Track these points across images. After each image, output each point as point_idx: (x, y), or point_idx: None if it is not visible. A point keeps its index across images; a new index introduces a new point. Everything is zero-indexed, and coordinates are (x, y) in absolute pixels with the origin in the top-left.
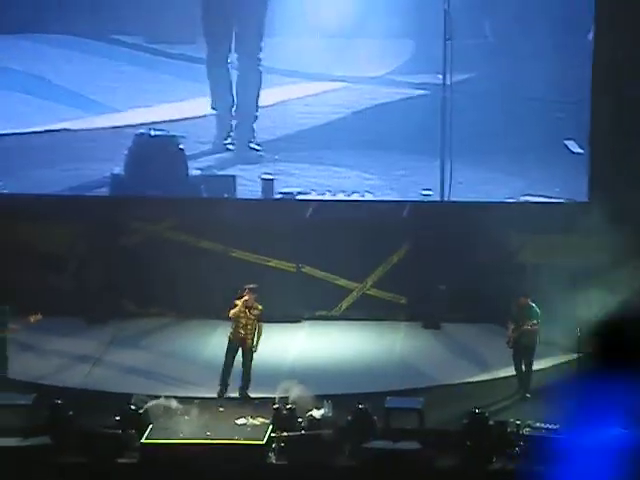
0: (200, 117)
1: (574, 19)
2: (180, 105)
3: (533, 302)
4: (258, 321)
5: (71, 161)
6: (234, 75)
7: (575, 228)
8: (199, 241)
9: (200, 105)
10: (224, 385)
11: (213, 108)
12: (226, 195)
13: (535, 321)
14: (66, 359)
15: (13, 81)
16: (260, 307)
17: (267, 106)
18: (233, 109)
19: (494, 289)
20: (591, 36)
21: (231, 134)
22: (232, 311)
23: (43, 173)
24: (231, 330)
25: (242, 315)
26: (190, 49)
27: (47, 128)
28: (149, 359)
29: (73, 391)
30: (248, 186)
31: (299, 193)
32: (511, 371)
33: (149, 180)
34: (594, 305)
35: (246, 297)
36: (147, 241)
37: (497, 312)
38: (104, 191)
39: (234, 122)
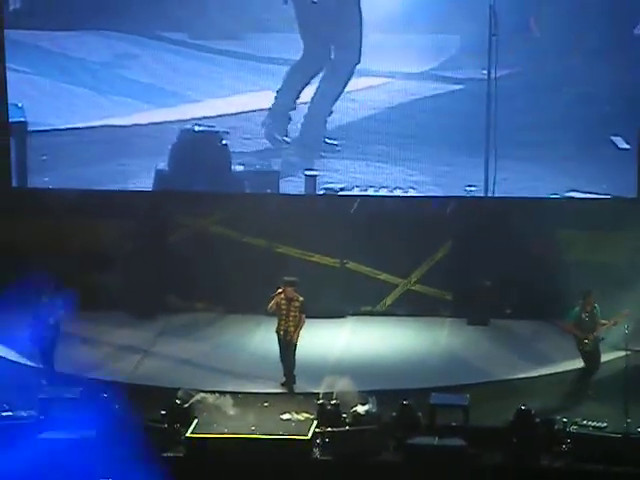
0: (248, 112)
1: (622, 12)
2: (230, 100)
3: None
4: (301, 312)
5: (119, 156)
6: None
7: (623, 224)
8: (244, 236)
9: (249, 100)
10: (289, 377)
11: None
12: (269, 190)
13: (604, 322)
14: (113, 352)
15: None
16: (301, 299)
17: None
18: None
19: (541, 285)
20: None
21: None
22: (269, 305)
23: (93, 169)
24: (277, 325)
25: (284, 308)
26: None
27: (93, 124)
28: (195, 353)
29: (120, 385)
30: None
31: (342, 189)
32: (558, 367)
33: (194, 175)
34: None
35: (280, 291)
36: (193, 236)
37: (543, 309)
38: (149, 186)
39: (296, 117)
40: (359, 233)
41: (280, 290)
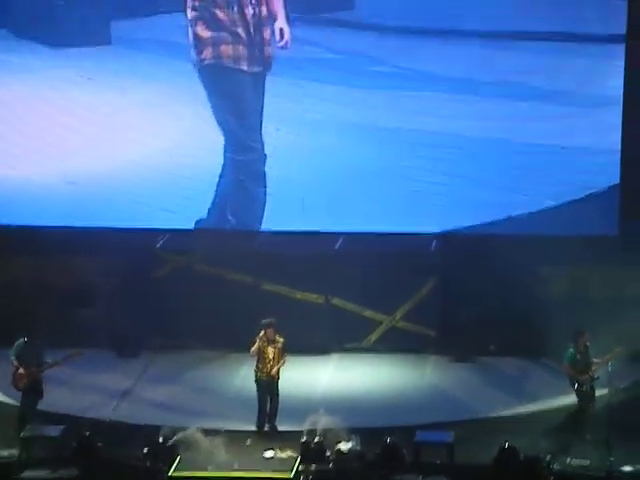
0: None
1: None
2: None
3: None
4: (282, 352)
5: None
6: None
7: (606, 261)
8: (227, 273)
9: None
10: (262, 425)
11: None
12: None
13: (596, 360)
14: (95, 392)
15: None
16: (282, 339)
17: None
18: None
19: (524, 322)
20: None
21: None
22: (252, 349)
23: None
24: (256, 368)
25: (266, 350)
26: None
27: None
28: (178, 392)
29: (102, 423)
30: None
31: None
32: (543, 405)
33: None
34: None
35: (262, 334)
36: (176, 274)
37: (528, 346)
38: (133, 223)
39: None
40: (344, 269)
41: (261, 333)
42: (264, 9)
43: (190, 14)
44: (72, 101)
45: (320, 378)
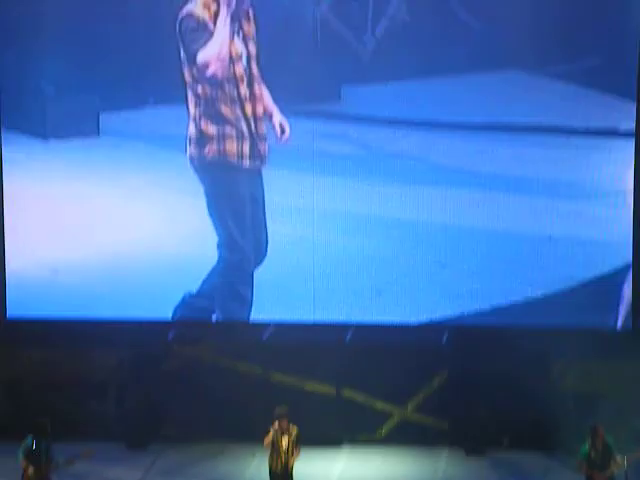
0: None
1: None
2: None
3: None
4: (297, 443)
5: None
6: None
7: (619, 354)
8: (237, 364)
9: None
10: None
11: None
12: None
13: (618, 457)
14: None
15: None
16: (295, 429)
17: None
18: None
19: (536, 416)
20: None
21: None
22: (266, 440)
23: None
24: (270, 459)
25: (279, 441)
26: None
27: None
28: None
29: None
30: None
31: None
32: None
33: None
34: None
35: (275, 425)
36: (186, 364)
37: (540, 440)
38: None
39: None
40: (356, 360)
41: (275, 424)
42: (260, 105)
43: (193, 109)
44: (67, 193)
45: (332, 471)
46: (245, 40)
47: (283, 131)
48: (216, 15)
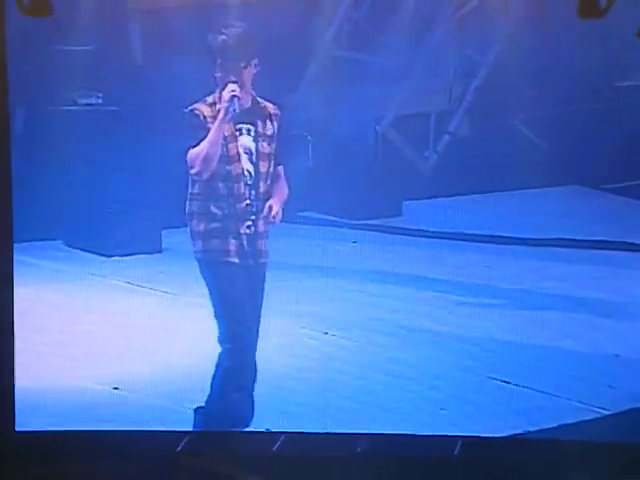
0: None
1: None
2: None
3: None
4: None
5: None
6: None
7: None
8: (247, 475)
9: None
10: None
11: None
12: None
13: None
14: None
15: None
16: None
17: None
18: None
19: None
20: None
21: None
22: None
23: None
24: None
25: None
26: None
27: None
28: None
29: None
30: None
31: None
32: None
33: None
34: None
35: None
36: (196, 476)
37: None
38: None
39: None
40: (365, 473)
41: None
42: (262, 204)
43: (187, 207)
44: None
45: None
46: (257, 139)
47: (270, 210)
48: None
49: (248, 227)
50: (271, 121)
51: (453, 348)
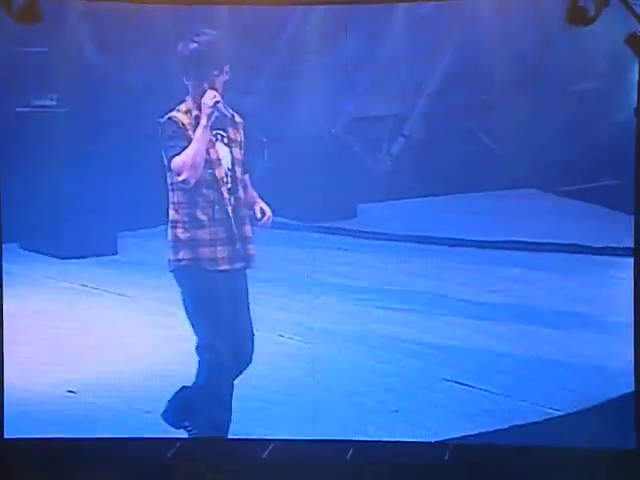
0: None
1: None
2: None
3: None
4: None
5: None
6: None
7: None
8: None
9: None
10: None
11: None
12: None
13: None
14: None
15: None
16: None
17: None
18: None
19: None
20: None
21: None
22: None
23: None
24: None
25: None
26: None
27: None
28: None
29: None
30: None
31: None
32: None
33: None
34: None
35: None
36: None
37: None
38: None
39: None
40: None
41: None
42: (244, 209)
43: (171, 215)
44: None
45: None
46: (230, 145)
47: (264, 213)
48: (197, 120)
49: (235, 232)
50: (237, 129)
51: (409, 351)
